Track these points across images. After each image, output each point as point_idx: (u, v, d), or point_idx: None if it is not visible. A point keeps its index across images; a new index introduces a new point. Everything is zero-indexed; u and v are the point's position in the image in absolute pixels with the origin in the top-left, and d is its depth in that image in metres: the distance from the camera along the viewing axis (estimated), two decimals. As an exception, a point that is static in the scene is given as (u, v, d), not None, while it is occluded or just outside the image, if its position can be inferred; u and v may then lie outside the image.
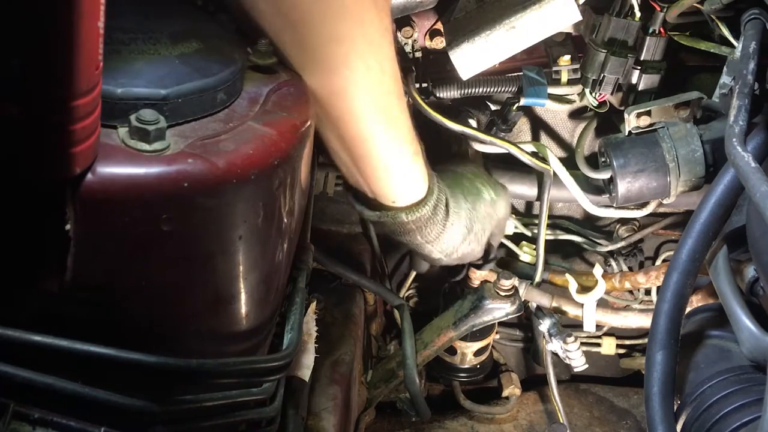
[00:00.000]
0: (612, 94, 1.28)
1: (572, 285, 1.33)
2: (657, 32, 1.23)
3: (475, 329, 1.28)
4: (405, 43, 1.30)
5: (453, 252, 1.20)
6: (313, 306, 1.09)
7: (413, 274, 1.51)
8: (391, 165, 1.03)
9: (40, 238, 0.69)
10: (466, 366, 1.43)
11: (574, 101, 1.35)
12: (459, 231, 1.18)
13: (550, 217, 1.46)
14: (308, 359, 1.02)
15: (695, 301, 1.10)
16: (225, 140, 0.77)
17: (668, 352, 0.92)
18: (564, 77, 1.31)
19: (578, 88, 1.31)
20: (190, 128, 0.78)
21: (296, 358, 0.99)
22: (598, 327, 1.45)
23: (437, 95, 1.33)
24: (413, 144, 1.04)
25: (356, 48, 0.89)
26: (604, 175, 1.24)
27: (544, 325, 1.36)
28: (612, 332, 1.55)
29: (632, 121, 1.19)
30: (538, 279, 1.37)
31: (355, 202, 1.12)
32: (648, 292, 1.46)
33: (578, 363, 1.35)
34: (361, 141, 0.99)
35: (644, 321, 1.34)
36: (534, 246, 1.39)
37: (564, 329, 1.35)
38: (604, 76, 1.24)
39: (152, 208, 0.70)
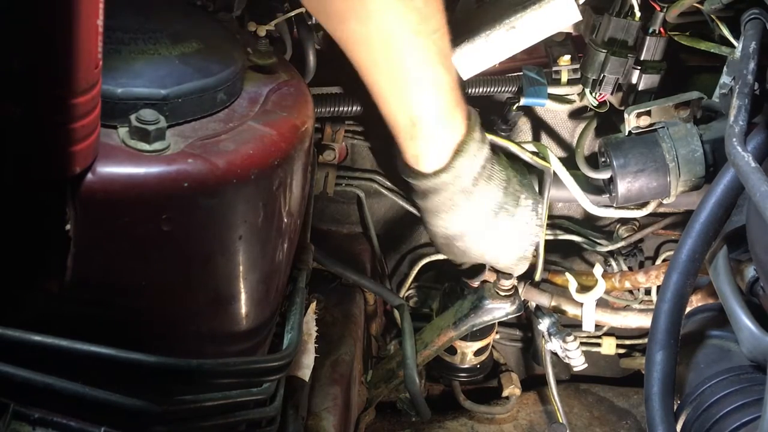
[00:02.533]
0: (612, 94, 1.28)
1: (572, 284, 1.33)
2: (657, 32, 1.23)
3: (475, 329, 1.29)
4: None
5: (449, 238, 1.19)
6: (313, 306, 1.09)
7: (413, 274, 1.51)
8: (397, 124, 1.06)
9: (40, 238, 0.69)
10: (466, 366, 1.43)
11: (574, 101, 1.35)
12: (473, 217, 1.15)
13: (550, 217, 1.46)
14: (308, 359, 1.02)
15: (695, 301, 1.10)
16: (225, 140, 0.77)
17: (668, 352, 0.92)
18: (564, 77, 1.30)
19: (578, 88, 1.31)
20: (190, 128, 0.78)
21: (296, 358, 0.99)
22: (598, 327, 1.45)
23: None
24: (429, 109, 1.04)
25: (355, 5, 0.92)
26: (604, 175, 1.24)
27: (544, 324, 1.36)
28: (612, 332, 1.55)
29: (632, 121, 1.19)
30: (537, 278, 1.37)
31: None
32: (648, 292, 1.46)
33: (577, 362, 1.35)
34: (371, 90, 1.03)
35: (644, 321, 1.34)
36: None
37: (563, 328, 1.35)
38: (604, 76, 1.24)
39: (152, 208, 0.71)
